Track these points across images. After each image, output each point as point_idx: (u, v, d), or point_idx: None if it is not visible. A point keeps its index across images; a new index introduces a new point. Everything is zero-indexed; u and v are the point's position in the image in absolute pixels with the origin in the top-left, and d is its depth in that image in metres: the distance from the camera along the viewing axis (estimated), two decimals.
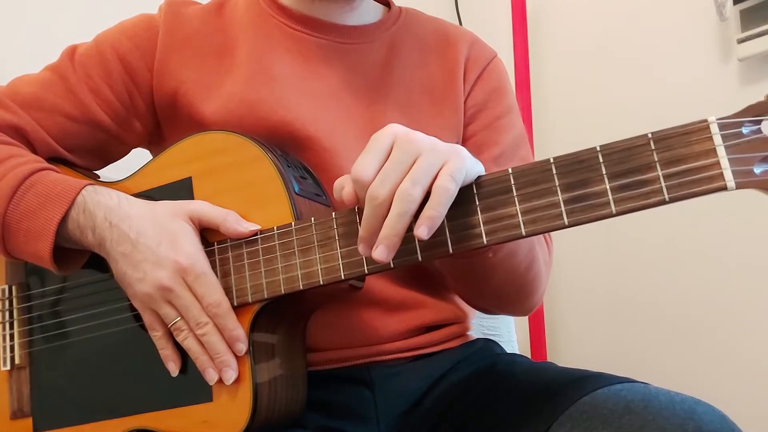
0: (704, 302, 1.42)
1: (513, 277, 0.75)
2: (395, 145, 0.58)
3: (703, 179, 0.51)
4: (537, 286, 0.80)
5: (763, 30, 1.27)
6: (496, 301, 0.81)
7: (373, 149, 0.58)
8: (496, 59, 0.90)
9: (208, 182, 0.71)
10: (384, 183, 0.56)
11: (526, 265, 0.75)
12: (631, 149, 0.54)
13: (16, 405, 0.78)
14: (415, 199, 0.56)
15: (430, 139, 0.58)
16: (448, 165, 0.57)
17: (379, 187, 0.56)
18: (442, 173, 0.56)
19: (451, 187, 0.56)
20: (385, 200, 0.56)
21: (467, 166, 0.58)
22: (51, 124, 0.78)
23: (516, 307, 0.83)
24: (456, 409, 0.75)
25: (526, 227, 0.56)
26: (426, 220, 0.55)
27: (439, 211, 0.56)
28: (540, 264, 0.78)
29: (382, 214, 0.57)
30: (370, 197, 0.57)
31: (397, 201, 0.56)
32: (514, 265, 0.74)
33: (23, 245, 0.70)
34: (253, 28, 0.82)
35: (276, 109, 0.77)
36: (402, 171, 0.56)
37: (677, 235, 1.45)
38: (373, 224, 0.57)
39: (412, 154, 0.57)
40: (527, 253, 0.75)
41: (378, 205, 0.56)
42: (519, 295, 0.79)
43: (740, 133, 0.51)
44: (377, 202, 0.56)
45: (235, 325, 0.66)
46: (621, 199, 0.53)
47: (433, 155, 0.57)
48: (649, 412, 0.60)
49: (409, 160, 0.57)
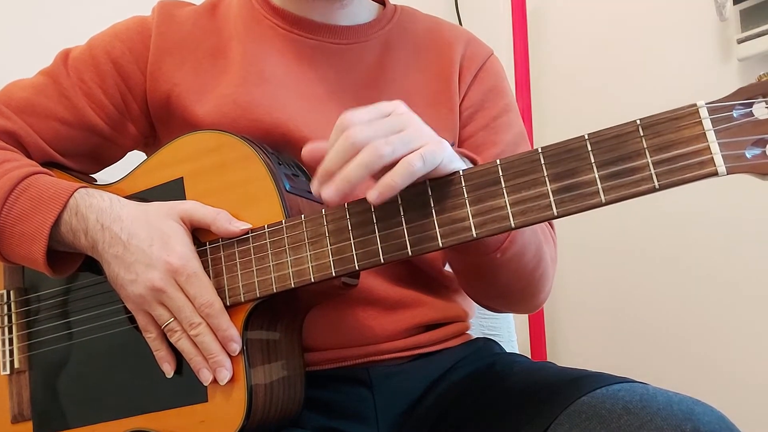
0: (703, 303, 1.41)
1: (521, 277, 0.75)
2: (392, 113, 0.59)
3: (693, 165, 0.51)
4: (544, 284, 0.79)
5: (763, 30, 1.26)
6: (504, 299, 0.81)
7: (373, 107, 0.60)
8: (492, 58, 0.90)
9: (200, 182, 0.71)
10: (365, 129, 0.57)
11: (534, 264, 0.75)
12: (619, 136, 0.53)
13: (16, 409, 0.78)
14: (381, 155, 0.56)
15: (423, 125, 0.60)
16: (425, 146, 0.57)
17: (359, 130, 0.57)
18: (415, 151, 0.57)
19: (416, 164, 0.56)
20: (358, 142, 0.56)
21: (444, 155, 0.58)
22: (45, 129, 0.78)
23: (523, 305, 0.82)
24: (455, 408, 0.75)
25: (515, 219, 0.56)
26: (381, 186, 0.56)
27: (396, 180, 0.56)
28: (547, 262, 0.78)
29: (348, 153, 0.57)
30: (346, 134, 0.57)
31: (365, 151, 0.56)
32: (522, 265, 0.73)
33: (17, 249, 0.71)
34: (246, 30, 0.82)
35: (269, 111, 0.77)
36: (385, 130, 0.57)
37: (677, 235, 1.44)
38: (335, 162, 0.57)
39: (401, 124, 0.58)
40: (535, 253, 0.74)
41: (350, 144, 0.57)
42: (526, 294, 0.79)
43: (731, 117, 0.50)
44: (350, 140, 0.57)
45: (228, 324, 0.66)
46: (610, 187, 0.53)
47: (417, 133, 0.58)
48: (647, 412, 0.60)
49: (396, 126, 0.58)
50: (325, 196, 0.57)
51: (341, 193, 0.57)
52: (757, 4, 1.28)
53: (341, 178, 0.56)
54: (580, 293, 1.61)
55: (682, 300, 1.44)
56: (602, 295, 1.59)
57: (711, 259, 1.39)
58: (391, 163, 0.57)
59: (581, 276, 1.59)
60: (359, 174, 0.56)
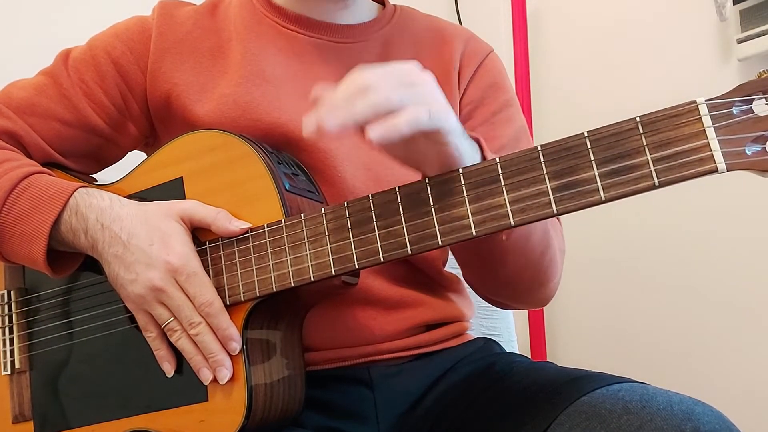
0: (703, 303, 1.41)
1: (528, 262, 0.74)
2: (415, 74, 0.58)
3: (693, 162, 0.51)
4: (553, 273, 0.78)
5: (763, 30, 1.26)
6: (512, 288, 0.79)
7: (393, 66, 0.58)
8: (491, 55, 0.90)
9: (199, 181, 0.71)
10: (380, 76, 0.56)
11: (541, 249, 0.74)
12: (619, 134, 0.53)
13: (17, 409, 0.78)
14: (391, 99, 0.55)
15: (438, 89, 0.59)
16: (434, 105, 0.57)
17: (372, 74, 0.56)
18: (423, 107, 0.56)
19: (423, 115, 0.55)
20: (369, 82, 0.55)
21: (451, 122, 0.58)
22: (45, 129, 0.78)
23: (532, 295, 0.81)
24: (455, 408, 0.75)
25: (514, 216, 0.56)
26: (384, 125, 0.54)
27: (400, 123, 0.54)
28: (555, 250, 0.77)
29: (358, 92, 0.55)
30: (360, 74, 0.56)
31: (375, 93, 0.55)
32: (528, 249, 0.72)
33: (17, 248, 0.71)
34: (247, 29, 0.82)
35: (270, 111, 0.77)
36: (398, 82, 0.56)
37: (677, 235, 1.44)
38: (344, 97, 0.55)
39: (416, 84, 0.57)
40: (542, 237, 0.73)
41: (361, 84, 0.55)
42: (534, 282, 0.77)
43: (731, 114, 0.50)
44: (361, 81, 0.56)
45: (228, 324, 0.66)
46: (610, 185, 0.53)
47: (430, 94, 0.58)
48: (647, 412, 0.60)
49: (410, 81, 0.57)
50: (325, 120, 0.55)
51: (343, 124, 0.55)
52: (757, 4, 1.28)
53: (346, 112, 0.55)
54: (579, 293, 1.61)
55: (682, 300, 1.44)
56: (602, 295, 1.59)
57: (711, 259, 1.39)
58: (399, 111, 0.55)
59: (581, 276, 1.58)
60: (365, 112, 0.55)
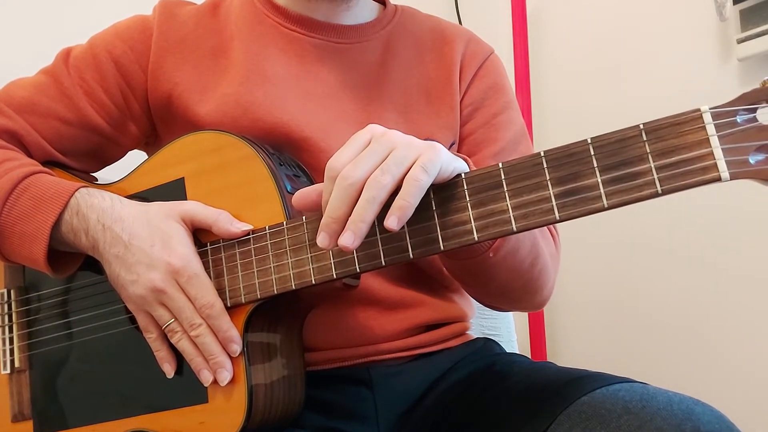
0: (703, 303, 1.41)
1: (518, 275, 0.74)
2: (372, 140, 0.58)
3: (696, 170, 0.50)
4: (545, 281, 0.79)
5: (763, 30, 1.26)
6: (505, 297, 0.80)
7: (351, 143, 0.59)
8: (492, 56, 0.90)
9: (201, 182, 0.71)
10: (357, 166, 0.57)
11: (530, 261, 0.74)
12: (622, 141, 0.53)
13: (16, 408, 0.78)
14: (384, 185, 0.56)
15: (407, 136, 0.59)
16: (421, 158, 0.57)
17: (351, 169, 0.56)
18: (414, 165, 0.56)
19: (422, 177, 0.56)
20: (357, 182, 0.56)
21: (442, 159, 0.58)
22: (46, 128, 0.78)
23: (526, 302, 0.82)
24: (456, 408, 0.75)
25: (517, 222, 0.56)
26: (396, 210, 0.55)
27: (409, 201, 0.55)
28: (546, 258, 0.77)
29: (351, 196, 0.56)
30: (341, 178, 0.57)
31: (367, 187, 0.56)
32: (517, 263, 0.73)
33: (18, 248, 0.70)
34: (248, 29, 0.82)
35: (271, 111, 0.77)
36: (375, 160, 0.57)
37: (677, 236, 1.45)
38: (339, 208, 0.57)
39: (387, 146, 0.57)
40: (530, 249, 0.74)
41: (348, 185, 0.56)
42: (526, 292, 0.78)
43: (734, 122, 0.50)
44: (348, 182, 0.56)
45: (228, 325, 0.66)
46: (613, 192, 0.53)
47: (406, 149, 0.57)
48: (647, 412, 0.60)
49: (383, 152, 0.57)
50: (345, 243, 0.56)
51: (361, 235, 0.56)
52: (757, 4, 1.28)
53: (355, 222, 0.56)
54: (580, 293, 1.61)
55: (682, 300, 1.44)
56: (602, 295, 1.60)
57: (711, 259, 1.39)
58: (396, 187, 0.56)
59: (581, 276, 1.59)
60: (371, 210, 0.56)
